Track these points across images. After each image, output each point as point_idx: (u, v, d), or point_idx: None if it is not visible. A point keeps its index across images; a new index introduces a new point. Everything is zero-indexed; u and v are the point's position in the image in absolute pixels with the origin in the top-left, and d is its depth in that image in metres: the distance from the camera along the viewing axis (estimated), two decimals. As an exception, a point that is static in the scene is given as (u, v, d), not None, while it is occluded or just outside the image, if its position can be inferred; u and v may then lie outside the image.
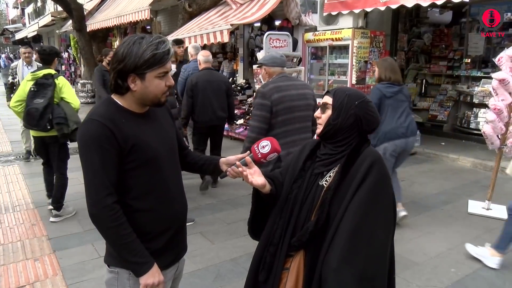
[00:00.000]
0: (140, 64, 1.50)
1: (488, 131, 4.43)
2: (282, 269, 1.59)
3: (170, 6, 11.91)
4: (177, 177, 1.77)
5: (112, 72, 1.56)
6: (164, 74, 1.57)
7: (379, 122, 1.64)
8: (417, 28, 9.70)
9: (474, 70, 8.14)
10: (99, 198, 1.50)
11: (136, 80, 1.54)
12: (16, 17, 37.42)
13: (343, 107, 1.56)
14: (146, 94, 1.57)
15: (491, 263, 3.47)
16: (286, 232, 1.60)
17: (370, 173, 1.49)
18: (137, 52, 1.50)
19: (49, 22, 19.03)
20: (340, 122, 1.56)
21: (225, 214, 4.71)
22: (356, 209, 1.45)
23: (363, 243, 1.43)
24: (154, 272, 1.59)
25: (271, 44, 5.06)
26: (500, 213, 4.58)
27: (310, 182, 1.62)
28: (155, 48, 1.51)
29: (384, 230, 1.50)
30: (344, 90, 1.61)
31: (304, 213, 1.57)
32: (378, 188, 1.49)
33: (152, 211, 1.64)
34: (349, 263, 1.41)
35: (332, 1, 7.41)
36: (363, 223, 1.44)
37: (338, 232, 1.45)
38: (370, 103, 1.60)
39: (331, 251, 1.45)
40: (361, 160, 1.52)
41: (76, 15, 13.18)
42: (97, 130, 1.50)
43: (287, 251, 1.59)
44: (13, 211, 4.77)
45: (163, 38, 1.56)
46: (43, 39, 28.35)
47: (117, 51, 1.54)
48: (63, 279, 3.33)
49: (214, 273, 3.43)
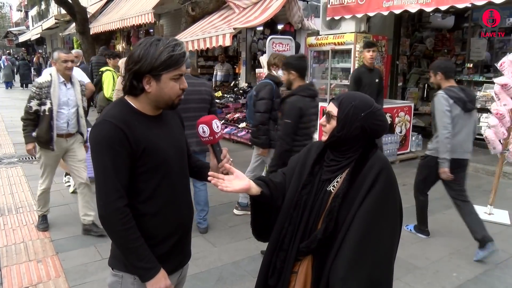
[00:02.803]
0: (156, 66, 1.50)
1: (490, 136, 4.44)
2: (290, 272, 1.59)
3: (173, 9, 11.95)
4: (185, 182, 1.77)
5: (127, 73, 1.56)
6: (179, 77, 1.58)
7: (387, 129, 1.61)
8: (419, 33, 9.72)
9: (476, 75, 8.15)
10: (109, 200, 1.50)
11: (151, 81, 1.54)
12: (19, 19, 37.61)
13: (348, 119, 1.52)
14: (161, 96, 1.57)
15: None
16: (296, 238, 1.59)
17: (378, 180, 1.48)
18: (153, 54, 1.50)
19: (53, 25, 19.15)
20: (344, 134, 1.53)
21: (226, 217, 4.72)
22: (364, 217, 1.45)
23: (370, 251, 1.43)
24: (161, 277, 1.59)
25: (274, 48, 5.08)
26: (502, 218, 4.58)
27: (318, 188, 1.60)
28: (172, 50, 1.51)
29: (391, 236, 1.50)
30: (350, 100, 1.55)
31: (312, 219, 1.57)
32: (386, 195, 1.49)
33: (159, 215, 1.63)
34: (356, 272, 1.41)
35: (335, 5, 7.44)
36: (370, 231, 1.44)
37: (346, 240, 1.45)
38: (379, 111, 1.55)
39: (338, 259, 1.45)
40: (369, 167, 1.51)
41: (79, 18, 13.24)
42: (110, 132, 1.50)
43: (296, 256, 1.59)
44: (16, 213, 4.79)
45: (179, 41, 1.57)
46: (46, 42, 28.48)
47: (133, 53, 1.54)
48: (66, 281, 3.34)
49: (216, 276, 3.44)
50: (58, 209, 4.87)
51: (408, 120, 7.41)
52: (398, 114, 7.22)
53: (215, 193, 5.45)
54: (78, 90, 4.08)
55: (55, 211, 4.81)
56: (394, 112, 7.14)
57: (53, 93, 3.87)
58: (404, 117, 7.31)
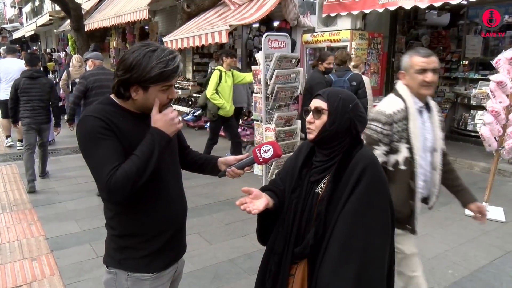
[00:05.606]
0: (145, 79, 1.49)
1: (486, 133, 4.45)
2: (288, 275, 1.59)
3: (169, 6, 11.89)
4: (176, 178, 1.76)
5: (116, 78, 1.54)
6: (168, 88, 1.56)
7: (367, 121, 1.63)
8: (415, 30, 9.74)
9: (471, 72, 8.17)
10: (107, 174, 1.43)
11: (138, 90, 1.52)
12: (13, 16, 37.26)
13: (338, 112, 1.54)
14: (147, 104, 1.56)
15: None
16: (289, 242, 1.59)
17: (362, 179, 1.47)
18: (145, 67, 1.47)
19: (47, 22, 18.97)
20: (336, 127, 1.54)
21: (222, 214, 4.71)
22: (347, 218, 1.44)
23: (357, 253, 1.42)
24: (161, 117, 1.53)
25: (269, 45, 5.05)
26: (497, 215, 4.60)
27: (307, 191, 1.61)
28: (165, 66, 1.48)
29: (381, 235, 1.48)
30: (336, 93, 1.58)
31: (304, 222, 1.57)
32: (371, 193, 1.47)
33: (149, 212, 1.62)
34: (340, 275, 1.41)
35: (330, 2, 7.43)
36: (355, 232, 1.43)
37: (330, 242, 1.45)
38: (359, 103, 1.61)
39: (323, 263, 1.45)
40: (353, 166, 1.50)
41: (74, 15, 13.15)
42: (93, 124, 1.49)
43: (292, 259, 1.59)
44: (10, 211, 4.76)
45: (174, 54, 1.53)
46: (40, 39, 28.28)
47: (125, 59, 1.51)
48: (61, 279, 3.32)
49: (212, 273, 3.43)
50: (52, 207, 4.85)
51: (403, 117, 7.39)
52: (394, 112, 7.20)
53: (211, 191, 5.46)
54: None
55: (50, 209, 4.79)
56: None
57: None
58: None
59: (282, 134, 5.17)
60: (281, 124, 5.19)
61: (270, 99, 5.06)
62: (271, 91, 5.01)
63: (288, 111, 5.33)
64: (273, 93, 5.01)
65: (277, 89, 5.00)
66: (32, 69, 5.69)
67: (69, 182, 4.54)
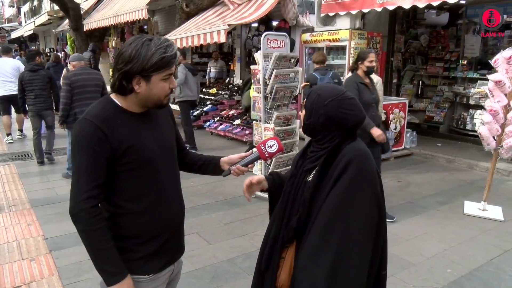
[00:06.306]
0: (147, 67, 1.49)
1: (484, 133, 4.45)
2: (279, 258, 1.66)
3: (168, 6, 11.89)
4: (174, 179, 1.75)
5: (116, 72, 1.54)
6: (169, 77, 1.57)
7: (360, 118, 1.60)
8: (414, 30, 9.74)
9: (470, 72, 8.17)
10: (78, 200, 1.49)
11: (141, 82, 1.52)
12: (12, 15, 37.22)
13: (313, 107, 1.61)
14: (150, 96, 1.56)
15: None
16: (282, 226, 1.67)
17: (347, 170, 1.49)
18: (145, 55, 1.48)
19: (46, 21, 18.94)
20: (312, 122, 1.61)
21: (221, 214, 4.71)
22: (329, 207, 1.48)
23: (334, 242, 1.44)
24: (124, 285, 1.54)
25: (268, 44, 5.05)
26: (495, 214, 4.61)
27: (300, 179, 1.67)
28: (164, 51, 1.49)
29: (363, 230, 1.47)
30: (317, 90, 1.64)
31: (295, 209, 1.63)
32: (355, 185, 1.48)
33: (146, 213, 1.61)
34: (316, 262, 1.45)
35: (329, 2, 7.43)
36: (335, 221, 1.46)
37: (311, 230, 1.51)
38: (347, 100, 1.57)
39: (302, 249, 1.52)
40: (340, 157, 1.54)
41: (73, 14, 13.12)
42: (90, 131, 1.49)
43: (282, 243, 1.66)
44: (9, 211, 4.75)
45: (170, 42, 1.55)
46: (39, 38, 28.24)
47: (123, 52, 1.51)
48: (60, 279, 3.32)
49: (211, 273, 3.43)
50: (51, 207, 4.84)
51: (402, 116, 7.43)
52: (393, 111, 7.23)
53: (210, 191, 5.45)
54: None
55: (49, 209, 4.78)
56: (388, 109, 7.15)
57: None
58: (398, 113, 7.33)
59: (281, 133, 5.17)
60: (280, 123, 5.19)
61: (269, 98, 5.06)
62: (270, 90, 5.01)
63: (287, 111, 5.33)
64: (272, 93, 5.01)
65: (276, 88, 5.00)
66: (33, 63, 6.67)
67: (67, 182, 4.53)
